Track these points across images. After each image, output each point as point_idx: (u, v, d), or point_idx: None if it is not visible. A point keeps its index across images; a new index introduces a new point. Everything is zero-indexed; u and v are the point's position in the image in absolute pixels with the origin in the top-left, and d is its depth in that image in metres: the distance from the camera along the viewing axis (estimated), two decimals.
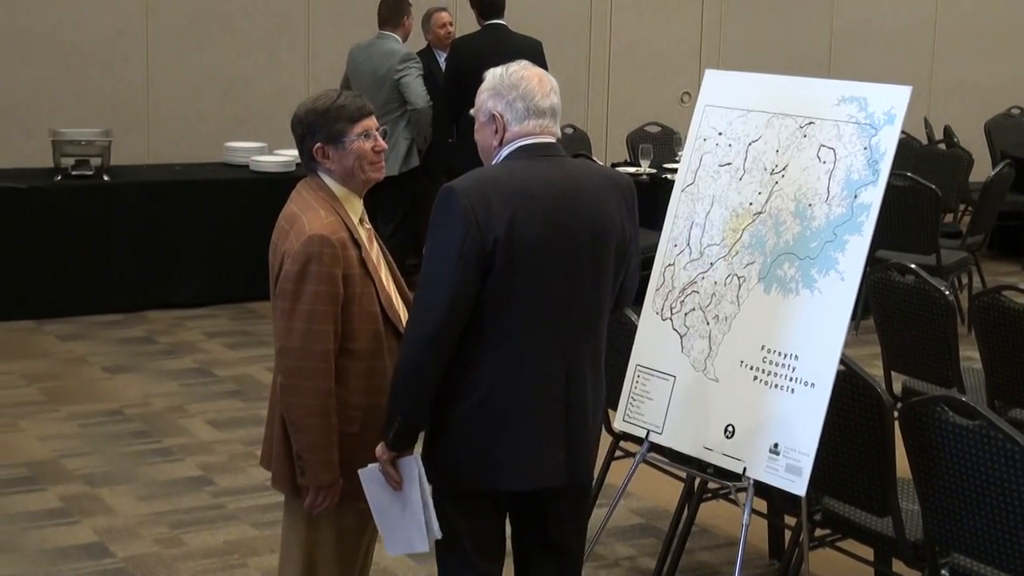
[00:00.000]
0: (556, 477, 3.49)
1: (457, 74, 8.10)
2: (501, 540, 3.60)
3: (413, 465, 3.47)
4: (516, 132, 3.46)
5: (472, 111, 3.57)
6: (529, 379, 3.40)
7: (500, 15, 8.51)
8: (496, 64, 3.57)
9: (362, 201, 3.69)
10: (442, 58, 9.12)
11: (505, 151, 3.46)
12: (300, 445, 3.53)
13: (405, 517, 3.52)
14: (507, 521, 3.65)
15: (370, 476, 3.54)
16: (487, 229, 3.28)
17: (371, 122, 3.62)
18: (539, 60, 8.12)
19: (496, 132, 3.48)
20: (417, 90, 8.32)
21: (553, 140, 3.49)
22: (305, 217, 3.53)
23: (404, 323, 3.63)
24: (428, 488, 3.49)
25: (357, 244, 3.58)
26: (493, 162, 3.49)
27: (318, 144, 3.59)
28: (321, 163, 3.61)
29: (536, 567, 3.66)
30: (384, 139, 3.66)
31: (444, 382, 3.38)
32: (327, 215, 3.54)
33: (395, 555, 3.70)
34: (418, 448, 3.53)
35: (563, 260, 3.38)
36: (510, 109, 3.46)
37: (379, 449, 3.48)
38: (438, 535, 3.50)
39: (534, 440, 3.43)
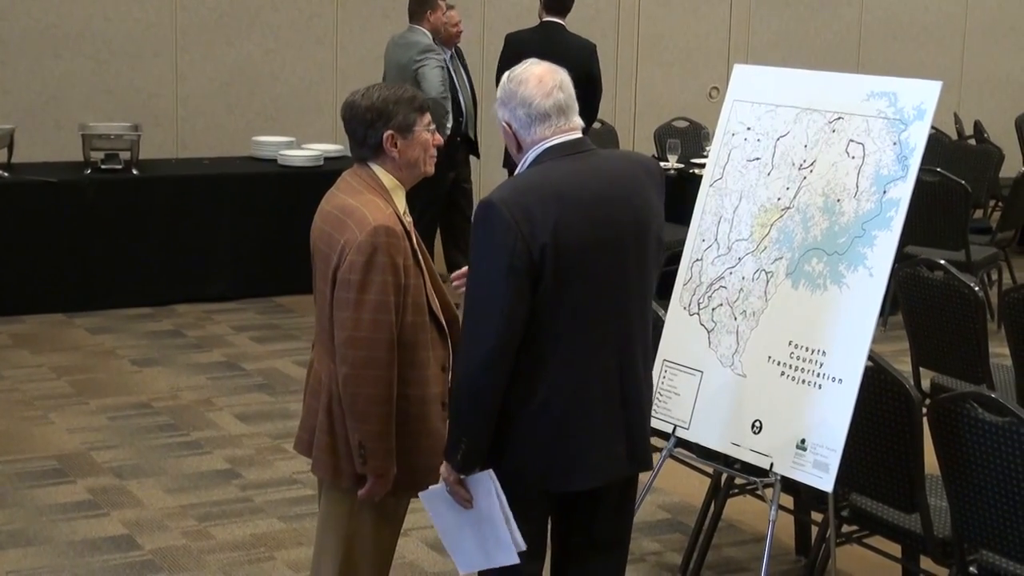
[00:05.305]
0: (619, 470, 3.45)
1: (507, 68, 8.13)
2: (544, 539, 3.57)
3: (488, 480, 3.37)
4: (528, 141, 3.39)
5: None
6: (585, 378, 3.35)
7: (561, 14, 8.57)
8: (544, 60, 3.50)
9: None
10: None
11: (530, 156, 3.40)
12: (364, 435, 3.52)
13: (482, 533, 3.44)
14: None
15: (434, 497, 3.50)
16: (532, 238, 3.21)
17: (429, 116, 3.64)
18: (588, 62, 8.17)
19: (513, 140, 3.43)
20: (432, 80, 8.34)
21: (575, 136, 3.40)
22: (365, 208, 3.53)
23: (441, 314, 3.66)
24: (505, 499, 3.39)
25: (408, 235, 3.60)
26: (520, 168, 3.43)
27: (390, 132, 3.57)
28: (388, 151, 3.59)
29: (579, 564, 3.60)
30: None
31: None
32: (385, 206, 3.55)
33: (465, 572, 3.63)
34: None
35: (609, 257, 3.33)
36: (515, 118, 3.39)
37: (444, 470, 3.41)
38: (522, 546, 3.41)
39: (596, 438, 3.39)
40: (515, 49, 8.33)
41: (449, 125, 8.58)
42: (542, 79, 3.38)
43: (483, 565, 3.51)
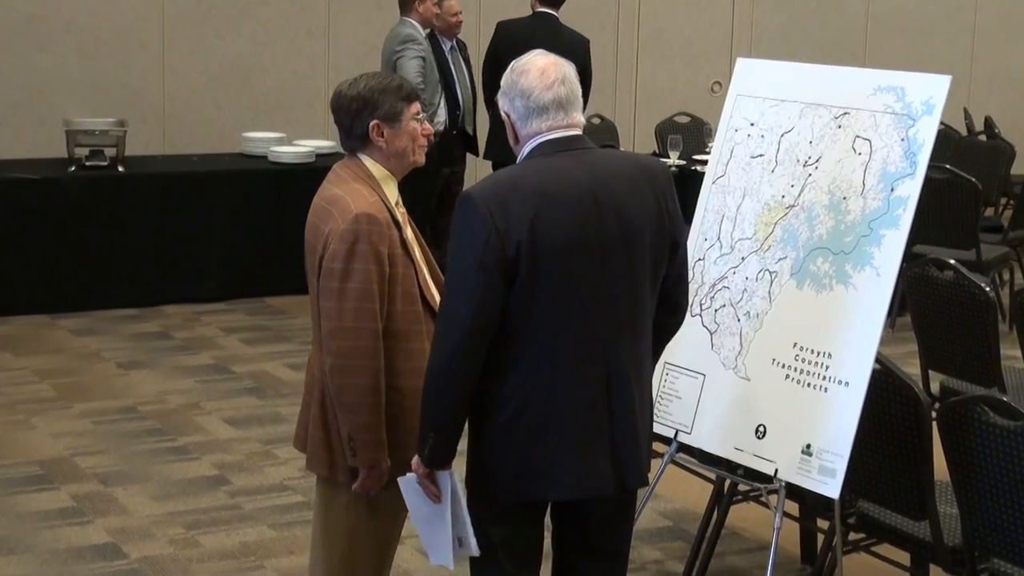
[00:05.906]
0: (602, 485, 3.38)
1: (495, 57, 8.16)
2: (537, 547, 3.52)
3: (446, 479, 3.40)
4: (525, 133, 3.36)
5: None
6: (566, 384, 3.30)
7: (554, 6, 8.57)
8: None
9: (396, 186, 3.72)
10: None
11: (525, 149, 3.37)
12: (353, 426, 3.53)
13: (444, 529, 3.47)
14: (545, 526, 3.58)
15: (409, 486, 3.49)
16: (507, 234, 3.18)
17: (419, 106, 3.67)
18: (582, 57, 8.14)
19: (511, 131, 3.40)
20: (408, 72, 8.32)
21: (573, 132, 3.35)
22: (350, 197, 3.55)
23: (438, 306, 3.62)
24: (463, 502, 3.42)
25: (397, 225, 3.61)
26: (517, 160, 3.41)
27: (375, 121, 3.59)
28: (374, 141, 3.61)
29: (577, 573, 3.56)
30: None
31: (479, 392, 3.30)
32: (370, 195, 3.57)
33: (437, 564, 3.63)
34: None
35: (592, 259, 3.27)
36: (513, 109, 3.37)
37: (414, 462, 3.41)
38: (475, 551, 3.41)
39: (575, 447, 3.33)
40: (505, 38, 8.39)
41: (442, 120, 8.51)
42: (545, 71, 3.35)
43: (447, 560, 3.51)
